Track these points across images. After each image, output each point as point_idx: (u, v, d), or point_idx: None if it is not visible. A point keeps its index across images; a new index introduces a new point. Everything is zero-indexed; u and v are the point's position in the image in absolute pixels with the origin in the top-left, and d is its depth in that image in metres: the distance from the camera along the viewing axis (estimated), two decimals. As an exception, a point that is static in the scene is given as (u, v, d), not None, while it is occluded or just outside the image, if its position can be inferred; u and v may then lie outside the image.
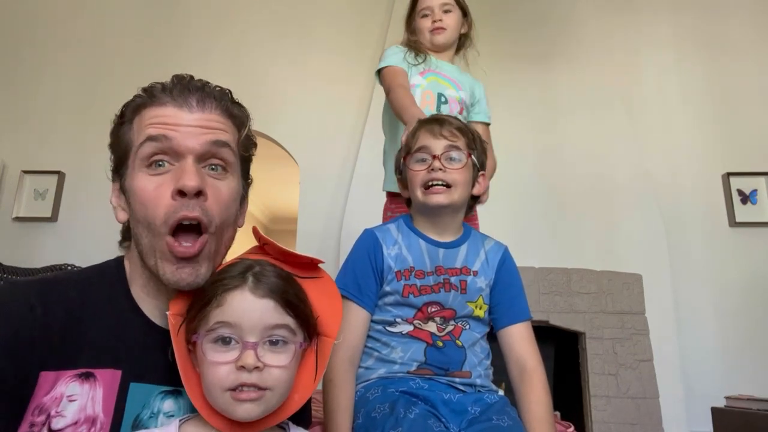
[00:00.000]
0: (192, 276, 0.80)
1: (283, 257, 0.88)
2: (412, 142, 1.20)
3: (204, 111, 0.83)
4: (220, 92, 0.88)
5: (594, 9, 3.48)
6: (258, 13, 3.63)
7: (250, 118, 0.92)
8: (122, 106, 0.87)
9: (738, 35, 3.51)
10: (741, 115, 3.38)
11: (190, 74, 0.88)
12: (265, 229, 6.68)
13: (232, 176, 0.86)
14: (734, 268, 3.12)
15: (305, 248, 3.23)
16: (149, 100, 0.84)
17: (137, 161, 0.81)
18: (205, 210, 0.80)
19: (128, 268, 0.88)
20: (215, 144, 0.82)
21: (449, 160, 1.15)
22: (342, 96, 3.45)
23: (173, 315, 0.81)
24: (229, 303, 0.76)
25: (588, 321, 2.84)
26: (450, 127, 1.18)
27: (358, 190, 3.06)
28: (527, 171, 3.12)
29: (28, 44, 3.59)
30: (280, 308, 0.77)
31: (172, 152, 0.80)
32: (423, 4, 1.78)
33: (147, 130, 0.81)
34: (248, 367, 0.73)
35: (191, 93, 0.84)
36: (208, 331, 0.75)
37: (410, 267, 1.15)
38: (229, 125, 0.86)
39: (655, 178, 3.19)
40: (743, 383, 2.79)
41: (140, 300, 0.86)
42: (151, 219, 0.79)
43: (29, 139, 3.43)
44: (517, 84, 3.23)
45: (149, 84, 0.86)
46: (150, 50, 3.53)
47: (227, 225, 0.86)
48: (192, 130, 0.81)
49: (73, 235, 3.21)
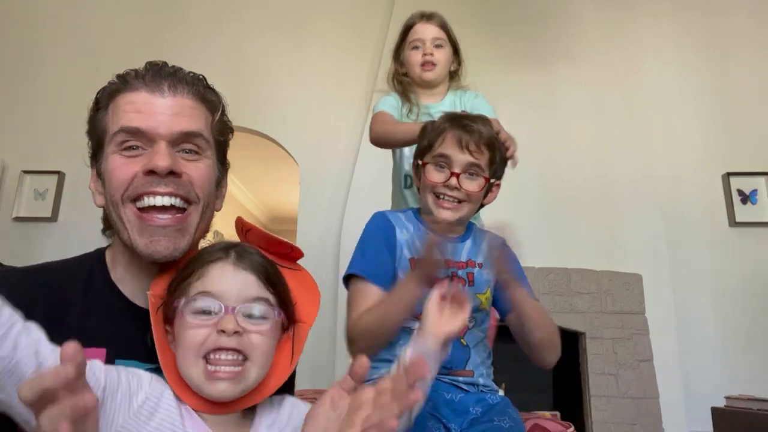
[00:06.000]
0: (168, 249, 0.81)
1: (265, 244, 0.89)
2: (436, 141, 1.18)
3: (176, 96, 0.85)
4: (193, 77, 0.90)
5: (594, 9, 3.48)
6: (258, 14, 3.63)
7: (224, 102, 0.94)
8: (97, 92, 0.90)
9: (738, 35, 3.51)
10: (741, 115, 3.38)
11: (164, 61, 0.90)
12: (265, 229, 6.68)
13: (206, 158, 0.87)
14: (734, 268, 3.12)
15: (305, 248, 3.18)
16: (123, 86, 0.86)
17: (112, 146, 0.84)
18: (182, 185, 0.82)
19: (109, 257, 0.90)
20: (186, 135, 0.84)
21: (468, 175, 1.16)
22: (342, 96, 3.44)
23: (153, 295, 0.81)
24: (210, 274, 0.76)
25: (588, 321, 2.84)
26: (477, 139, 1.15)
27: (358, 190, 3.06)
28: (527, 171, 3.10)
29: (28, 44, 3.59)
30: (261, 283, 0.77)
31: (146, 138, 0.82)
32: (414, 35, 1.72)
33: (121, 118, 0.83)
34: (228, 331, 0.72)
35: (163, 78, 0.86)
36: (189, 301, 0.75)
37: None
38: (202, 110, 0.88)
39: (655, 178, 3.19)
40: (743, 383, 2.79)
41: (122, 282, 0.87)
42: (113, 190, 0.82)
43: (29, 139, 3.43)
44: (518, 84, 3.22)
45: (124, 71, 0.89)
46: (150, 50, 3.52)
47: (208, 202, 0.87)
48: (164, 117, 0.83)
49: (73, 235, 3.21)
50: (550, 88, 3.27)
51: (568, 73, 3.29)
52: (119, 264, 0.88)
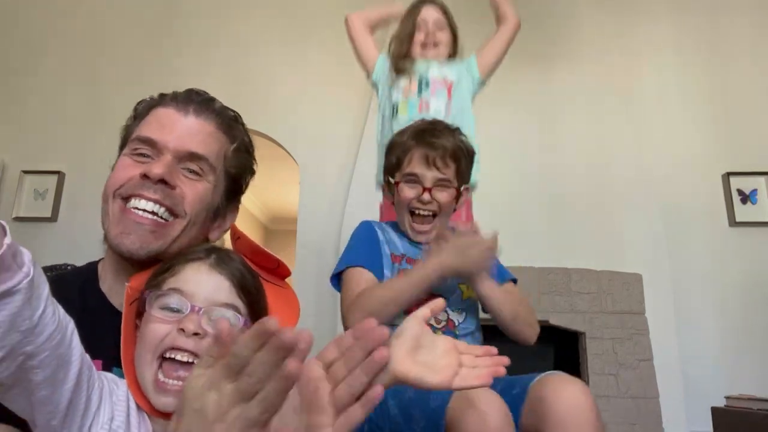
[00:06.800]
0: (135, 245, 0.83)
1: (251, 255, 0.88)
2: (404, 160, 1.24)
3: (198, 118, 0.90)
4: (222, 108, 0.94)
5: (594, 9, 3.48)
6: (258, 14, 3.63)
7: (250, 142, 0.98)
8: (136, 103, 0.95)
9: (738, 35, 3.51)
10: (741, 115, 3.38)
11: (205, 91, 0.95)
12: (265, 229, 6.68)
13: (206, 182, 0.90)
14: (734, 268, 3.12)
15: (305, 248, 3.23)
16: (159, 101, 0.92)
17: (127, 149, 0.89)
18: (172, 196, 0.84)
19: (101, 268, 0.92)
20: (192, 155, 0.87)
21: (439, 188, 1.23)
22: (342, 96, 3.44)
23: (130, 287, 0.81)
24: (184, 272, 0.76)
25: (588, 321, 2.84)
26: (442, 154, 1.21)
27: (358, 190, 3.05)
28: (527, 171, 3.12)
29: (28, 44, 3.59)
30: (234, 290, 0.76)
31: (155, 149, 0.86)
32: (418, 16, 1.84)
33: (143, 128, 0.88)
34: (188, 331, 0.71)
35: (193, 101, 0.91)
36: (159, 296, 0.75)
37: (402, 254, 1.24)
38: (220, 138, 0.92)
39: (655, 178, 3.18)
40: (743, 383, 2.79)
41: (111, 293, 0.88)
42: (110, 185, 0.86)
43: (29, 139, 3.42)
44: (517, 84, 3.22)
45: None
46: (150, 50, 3.53)
47: (195, 221, 0.88)
48: (179, 134, 0.87)
49: (73, 235, 3.21)
50: (550, 88, 3.27)
51: (568, 74, 3.28)
52: (108, 274, 0.89)
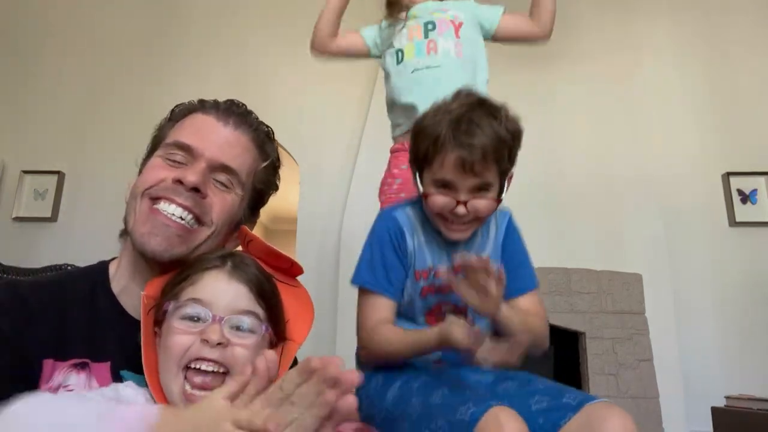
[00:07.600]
0: (161, 246, 0.82)
1: (265, 257, 0.89)
2: (435, 159, 1.01)
3: (236, 130, 0.91)
4: (259, 124, 0.96)
5: (594, 9, 3.48)
6: (258, 14, 3.63)
7: (278, 159, 1.00)
8: (174, 105, 0.96)
9: (738, 35, 3.51)
10: (741, 115, 3.38)
11: (245, 104, 0.97)
12: (265, 229, 6.67)
13: (234, 195, 0.91)
14: (734, 268, 3.12)
15: (305, 248, 3.23)
16: (199, 107, 0.93)
17: (161, 151, 0.89)
18: (202, 205, 0.85)
19: (113, 268, 0.91)
20: (225, 167, 0.88)
21: (475, 194, 1.02)
22: (342, 96, 3.44)
23: (146, 296, 0.81)
24: (203, 281, 0.76)
25: (588, 321, 2.84)
26: (481, 157, 0.99)
27: (358, 190, 3.05)
28: (527, 171, 3.10)
29: (28, 44, 3.59)
30: (252, 296, 0.77)
31: (191, 155, 0.87)
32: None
33: (180, 133, 0.89)
34: (212, 342, 0.71)
35: (233, 113, 0.92)
36: (179, 306, 0.75)
37: (429, 267, 1.09)
38: (253, 153, 0.94)
39: (655, 178, 3.18)
40: (743, 383, 2.79)
41: (124, 294, 0.88)
42: (140, 184, 0.86)
43: (29, 139, 3.42)
44: (517, 84, 3.21)
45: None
46: (150, 50, 3.53)
47: (220, 232, 0.89)
48: (217, 144, 0.88)
49: (73, 235, 3.21)
50: (550, 87, 3.27)
51: (568, 73, 3.29)
52: (123, 275, 0.89)
